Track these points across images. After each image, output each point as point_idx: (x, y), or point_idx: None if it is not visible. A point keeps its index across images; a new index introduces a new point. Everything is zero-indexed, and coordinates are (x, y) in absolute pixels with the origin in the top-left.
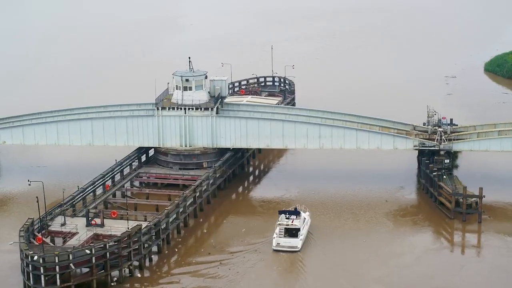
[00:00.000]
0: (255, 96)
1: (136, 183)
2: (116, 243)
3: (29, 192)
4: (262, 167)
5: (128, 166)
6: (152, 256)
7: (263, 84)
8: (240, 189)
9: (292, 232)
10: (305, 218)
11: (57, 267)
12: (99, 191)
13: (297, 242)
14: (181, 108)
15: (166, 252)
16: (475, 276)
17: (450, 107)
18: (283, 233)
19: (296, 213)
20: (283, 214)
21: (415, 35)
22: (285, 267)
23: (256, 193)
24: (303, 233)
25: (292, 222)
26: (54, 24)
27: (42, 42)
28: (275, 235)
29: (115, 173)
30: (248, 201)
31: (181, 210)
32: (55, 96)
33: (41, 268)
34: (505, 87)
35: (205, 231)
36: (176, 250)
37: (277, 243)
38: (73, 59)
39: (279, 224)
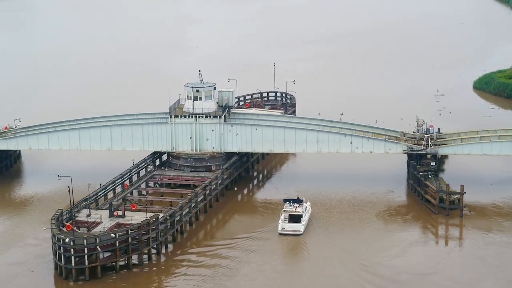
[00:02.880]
0: (259, 109)
1: (151, 184)
2: (137, 229)
3: (50, 194)
4: (265, 172)
5: (144, 169)
6: (168, 244)
7: (266, 98)
8: (246, 190)
9: (295, 218)
10: (306, 207)
11: (85, 249)
12: (118, 189)
13: (300, 227)
14: (192, 116)
15: (180, 241)
16: (456, 264)
17: (440, 121)
18: (287, 219)
19: (299, 201)
20: (287, 202)
21: (407, 57)
22: (290, 248)
23: (260, 195)
24: (305, 219)
25: (295, 209)
26: (71, 47)
27: (65, 62)
28: (280, 221)
29: (132, 174)
30: (252, 201)
31: (193, 205)
32: (76, 108)
33: (72, 249)
34: (492, 103)
35: (214, 224)
36: (189, 239)
37: (282, 228)
38: (91, 77)
39: (284, 211)
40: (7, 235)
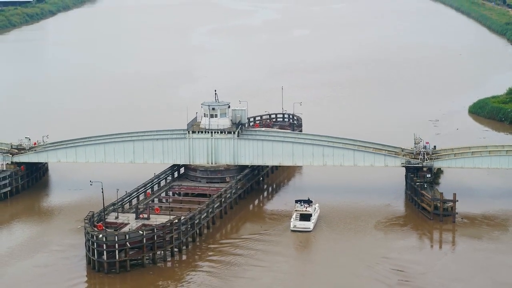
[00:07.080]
0: (268, 129)
1: (170, 194)
2: (161, 228)
3: (74, 205)
4: (274, 185)
5: (164, 180)
6: (188, 244)
7: (274, 119)
8: (256, 201)
9: (305, 217)
10: (315, 207)
11: (116, 244)
12: (141, 197)
13: (309, 224)
14: (208, 132)
15: (198, 242)
16: (448, 265)
17: (437, 141)
18: (298, 217)
19: (309, 202)
20: (298, 203)
21: (406, 85)
22: (301, 243)
23: (269, 206)
24: (314, 217)
25: (305, 209)
26: (87, 75)
27: (83, 88)
28: (292, 219)
29: (153, 184)
30: (262, 210)
31: (210, 210)
32: (97, 128)
33: (104, 245)
34: (486, 126)
35: (229, 228)
36: (206, 240)
37: (294, 225)
38: (108, 102)
39: (296, 210)
40: (34, 242)
